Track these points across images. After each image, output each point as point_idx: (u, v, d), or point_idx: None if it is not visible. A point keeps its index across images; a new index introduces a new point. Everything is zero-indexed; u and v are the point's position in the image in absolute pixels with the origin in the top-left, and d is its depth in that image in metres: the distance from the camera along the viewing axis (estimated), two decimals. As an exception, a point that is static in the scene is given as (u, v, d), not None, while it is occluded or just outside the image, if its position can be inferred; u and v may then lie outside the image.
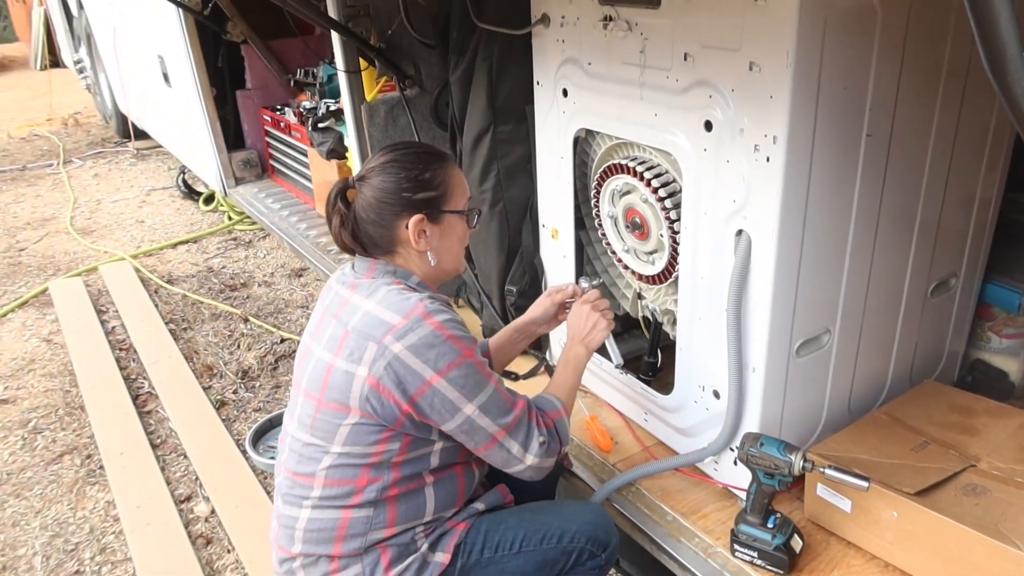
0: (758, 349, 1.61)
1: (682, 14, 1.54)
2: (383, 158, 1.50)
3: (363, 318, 1.40)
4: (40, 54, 10.62)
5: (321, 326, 1.50)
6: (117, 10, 5.09)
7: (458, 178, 1.55)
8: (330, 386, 1.40)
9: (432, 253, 1.51)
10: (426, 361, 1.35)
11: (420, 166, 1.48)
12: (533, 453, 1.47)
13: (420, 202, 1.47)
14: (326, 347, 1.44)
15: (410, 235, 1.47)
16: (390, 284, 1.45)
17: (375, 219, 1.47)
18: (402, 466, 1.43)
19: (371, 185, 1.47)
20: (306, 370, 1.48)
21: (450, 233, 1.54)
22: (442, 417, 1.39)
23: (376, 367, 1.35)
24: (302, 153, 4.05)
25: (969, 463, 1.63)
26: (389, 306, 1.39)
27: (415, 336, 1.35)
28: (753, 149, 1.47)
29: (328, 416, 1.41)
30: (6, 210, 5.43)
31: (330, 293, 1.55)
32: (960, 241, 1.92)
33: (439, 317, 1.38)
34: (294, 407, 1.52)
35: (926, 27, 1.51)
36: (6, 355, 3.48)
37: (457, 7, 2.24)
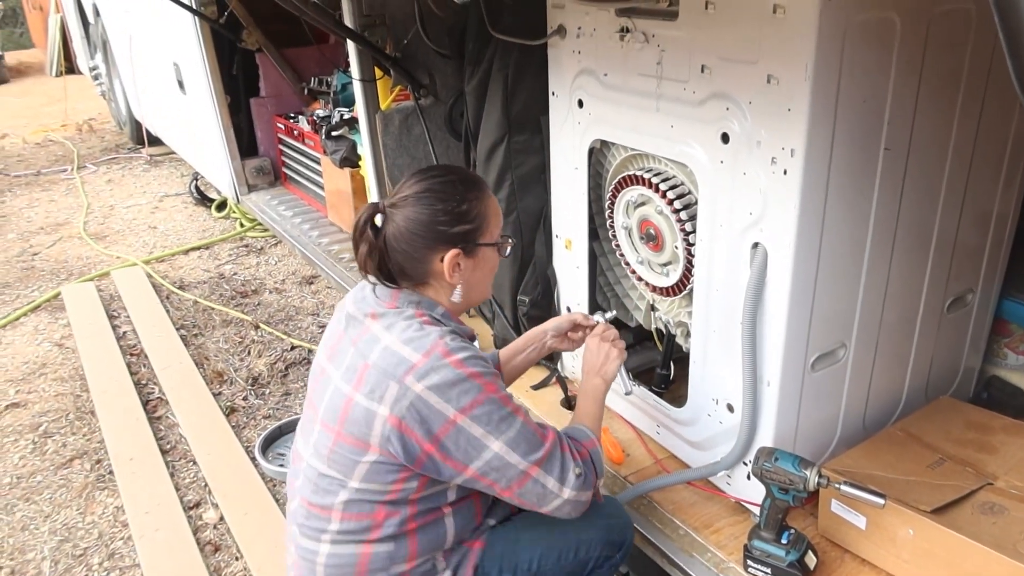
0: (773, 363, 1.60)
1: (700, 27, 1.54)
2: (417, 186, 1.43)
3: (383, 354, 1.36)
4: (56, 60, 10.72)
5: (339, 349, 1.46)
6: (133, 17, 5.14)
7: (494, 207, 1.50)
8: (350, 420, 1.36)
9: (463, 286, 1.48)
10: (448, 400, 1.31)
11: (457, 197, 1.43)
12: (570, 486, 1.40)
13: (456, 236, 1.43)
14: (344, 377, 1.40)
15: (445, 269, 1.43)
16: (411, 317, 1.41)
17: (407, 250, 1.42)
18: (419, 501, 1.40)
19: (404, 215, 1.41)
20: (323, 396, 1.44)
21: (484, 265, 1.50)
22: (468, 456, 1.33)
23: (398, 407, 1.31)
24: (315, 161, 4.06)
25: (986, 481, 1.61)
26: (408, 342, 1.35)
27: (437, 376, 1.31)
28: (770, 162, 1.46)
29: (346, 451, 1.37)
30: (20, 215, 5.47)
31: (343, 312, 1.51)
32: (977, 257, 1.91)
33: (459, 355, 1.34)
34: (309, 431, 1.47)
35: (945, 40, 1.50)
36: (18, 359, 3.50)
37: (473, 18, 2.25)
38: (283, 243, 4.43)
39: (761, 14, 1.39)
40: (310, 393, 1.52)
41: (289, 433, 2.82)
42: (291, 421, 2.85)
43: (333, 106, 3.77)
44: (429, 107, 2.62)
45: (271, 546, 2.29)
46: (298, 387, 3.16)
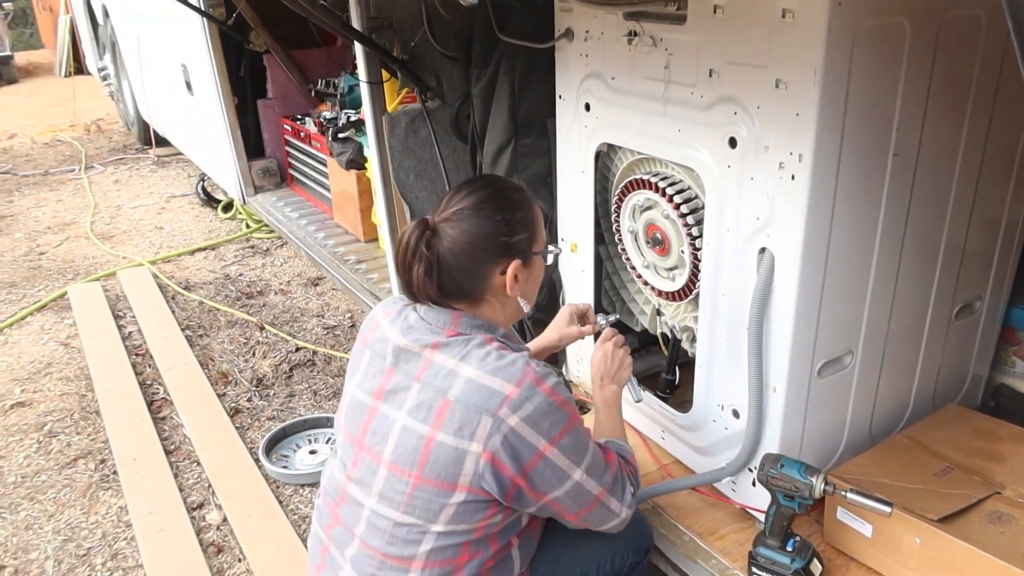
0: (779, 369, 1.59)
1: (708, 31, 1.53)
2: (472, 198, 1.37)
3: (467, 387, 1.28)
4: (65, 61, 10.77)
5: (391, 386, 1.37)
6: (142, 19, 5.16)
7: (540, 213, 1.47)
8: (433, 462, 1.28)
9: (523, 298, 1.43)
10: (540, 431, 1.28)
11: (512, 205, 1.39)
12: (627, 505, 1.43)
13: (515, 246, 1.38)
14: (414, 416, 1.32)
15: (506, 282, 1.38)
16: (482, 343, 1.34)
17: (467, 266, 1.35)
18: (499, 536, 1.37)
19: (461, 229, 1.34)
20: (385, 437, 1.34)
21: (536, 273, 1.46)
22: (551, 486, 1.32)
23: (492, 442, 1.26)
24: (321, 163, 4.07)
25: (994, 490, 1.59)
26: (496, 372, 1.29)
27: (531, 406, 1.27)
28: (778, 167, 1.46)
29: (429, 494, 1.30)
30: (28, 214, 5.49)
31: (388, 345, 1.39)
32: (985, 264, 1.90)
33: (550, 381, 1.31)
34: (368, 476, 1.37)
35: (955, 46, 1.49)
36: (24, 358, 3.50)
37: (481, 21, 2.25)
38: (289, 244, 4.44)
39: (770, 18, 1.39)
40: (351, 431, 1.43)
41: (293, 434, 2.82)
42: (295, 423, 2.85)
43: (340, 108, 3.78)
44: (436, 109, 2.62)
45: (274, 548, 2.29)
46: (302, 389, 3.16)
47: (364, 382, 1.43)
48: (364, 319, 1.55)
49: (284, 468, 2.63)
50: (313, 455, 2.67)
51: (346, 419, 1.45)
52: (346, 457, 1.44)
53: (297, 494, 2.55)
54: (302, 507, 2.49)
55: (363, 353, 1.47)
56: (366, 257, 3.55)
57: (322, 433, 2.84)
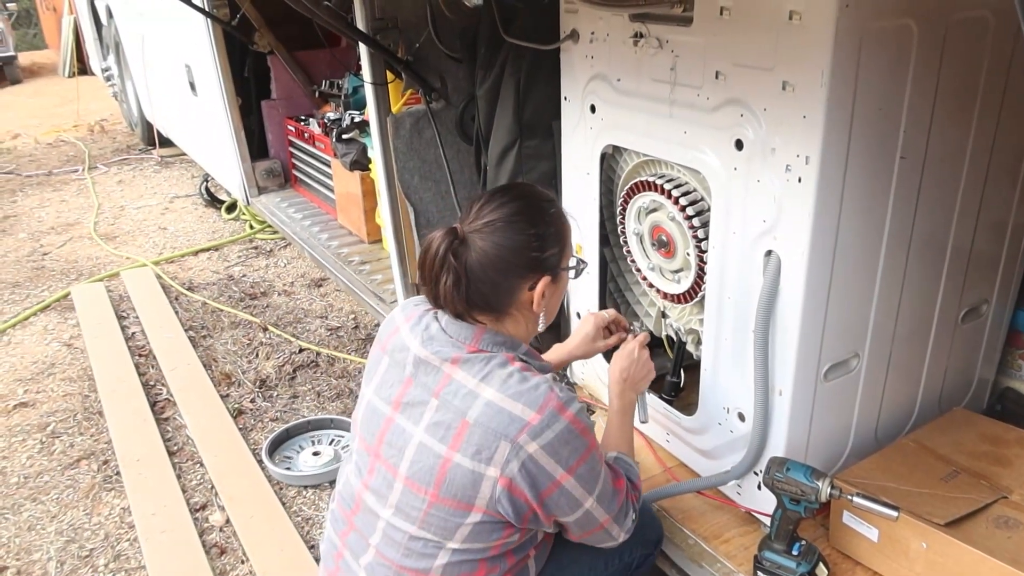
0: (785, 372, 1.58)
1: (714, 32, 1.53)
2: (504, 209, 1.33)
3: (487, 411, 1.26)
4: (69, 61, 10.79)
5: (408, 398, 1.35)
6: (146, 19, 5.16)
7: (569, 226, 1.44)
8: (449, 483, 1.27)
9: (545, 314, 1.41)
10: (559, 460, 1.27)
11: (546, 219, 1.35)
12: (625, 531, 1.45)
13: (546, 261, 1.35)
14: (431, 433, 1.30)
15: (534, 298, 1.35)
16: (504, 363, 1.31)
17: (496, 279, 1.32)
18: (516, 551, 1.37)
19: (493, 241, 1.30)
20: (401, 451, 1.33)
21: (562, 289, 1.44)
22: (562, 512, 1.33)
23: (509, 468, 1.24)
24: (325, 164, 4.06)
25: (1001, 495, 1.59)
26: (518, 397, 1.26)
27: (551, 433, 1.25)
28: (785, 169, 1.45)
29: (445, 513, 1.29)
30: (31, 214, 5.49)
31: (408, 354, 1.37)
32: (992, 267, 1.89)
33: (572, 408, 1.29)
34: (379, 485, 1.37)
35: (962, 48, 1.49)
36: (27, 358, 3.51)
37: (486, 22, 2.24)
38: (292, 245, 4.44)
39: (777, 20, 1.38)
40: (367, 439, 1.42)
41: (297, 436, 2.82)
42: (298, 424, 2.85)
43: (344, 109, 3.78)
44: (440, 111, 2.61)
45: (277, 549, 2.28)
46: (306, 390, 3.15)
47: (382, 389, 1.41)
48: (382, 322, 1.53)
49: (287, 470, 2.62)
50: (316, 456, 2.66)
51: (362, 425, 1.45)
52: (362, 464, 1.43)
53: (300, 496, 2.55)
54: (305, 509, 2.49)
55: (381, 359, 1.45)
56: (370, 258, 3.54)
57: (325, 435, 2.84)
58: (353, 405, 3.02)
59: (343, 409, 3.00)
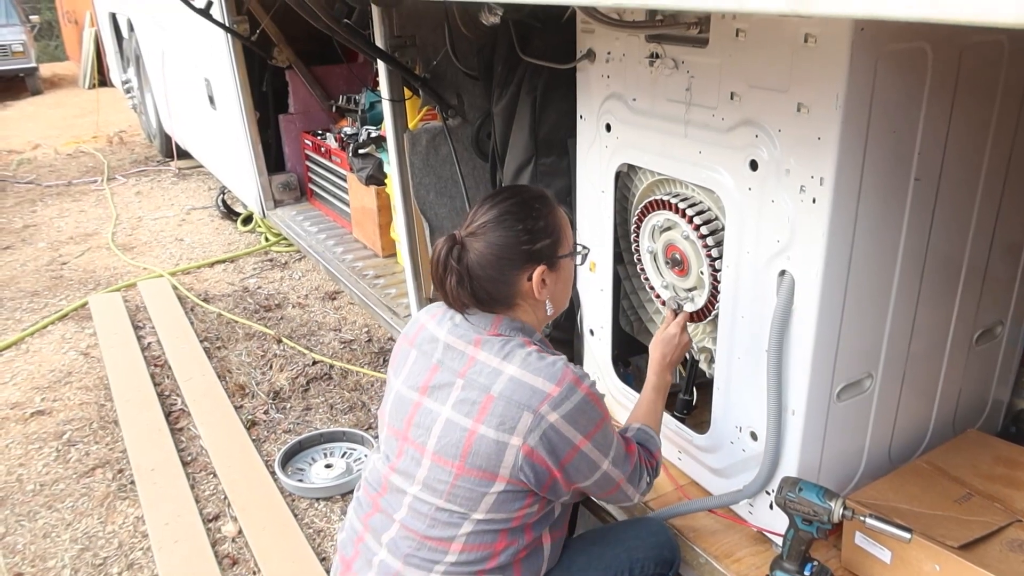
0: (798, 392, 1.58)
1: (730, 54, 1.54)
2: (494, 211, 1.46)
3: (511, 384, 1.37)
4: (89, 73, 10.94)
5: (435, 382, 1.46)
6: (167, 33, 5.24)
7: (564, 217, 1.53)
8: (474, 453, 1.37)
9: (551, 301, 1.52)
10: (577, 427, 1.38)
11: (533, 214, 1.46)
12: (641, 491, 1.56)
13: (539, 252, 1.46)
14: (457, 410, 1.40)
15: (533, 287, 1.46)
16: (522, 344, 1.43)
17: (494, 275, 1.44)
18: (534, 527, 1.45)
19: (486, 241, 1.43)
20: (429, 430, 1.43)
21: (565, 276, 1.54)
22: (583, 476, 1.43)
23: (532, 437, 1.35)
24: (341, 178, 4.10)
25: (1015, 518, 1.58)
26: (538, 372, 1.38)
27: (570, 404, 1.37)
28: (799, 190, 1.46)
29: (471, 484, 1.38)
30: (51, 224, 5.57)
31: (437, 344, 1.50)
32: (1007, 289, 1.89)
33: (587, 382, 1.41)
34: (407, 465, 1.46)
35: (977, 70, 1.50)
36: (44, 367, 3.55)
37: (503, 40, 2.27)
38: (307, 258, 4.47)
39: (792, 43, 1.40)
40: (395, 426, 1.50)
41: (309, 448, 2.83)
42: (311, 436, 2.87)
43: (361, 124, 3.81)
44: (456, 127, 2.64)
45: (288, 561, 2.29)
46: (319, 402, 3.17)
47: (410, 379, 1.51)
48: (407, 323, 1.66)
49: (300, 482, 2.64)
50: (329, 469, 2.68)
51: (390, 415, 1.53)
52: (389, 450, 1.51)
53: (312, 508, 2.56)
54: (317, 521, 2.50)
55: (409, 352, 1.56)
56: (384, 272, 3.57)
57: (338, 447, 2.85)
58: (366, 418, 3.03)
59: (356, 422, 3.01)
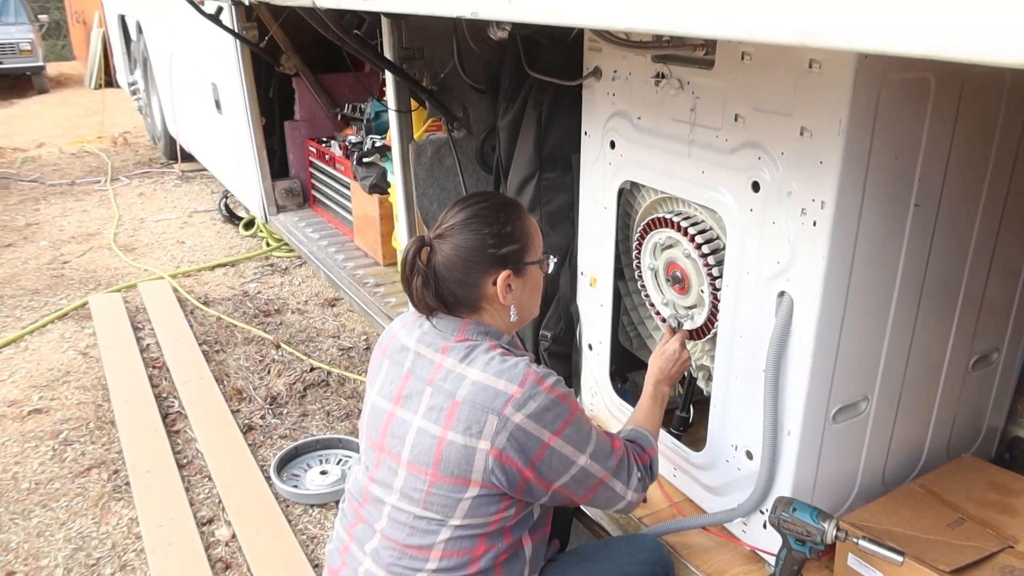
0: (795, 412, 1.60)
1: (735, 76, 1.56)
2: (462, 214, 1.47)
3: (474, 389, 1.37)
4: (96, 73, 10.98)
5: (407, 391, 1.46)
6: (176, 37, 5.27)
7: (534, 226, 1.54)
8: (445, 460, 1.37)
9: (515, 306, 1.51)
10: (544, 425, 1.36)
11: (501, 219, 1.47)
12: (633, 488, 1.52)
13: (504, 257, 1.46)
14: (427, 418, 1.40)
15: (498, 291, 1.46)
16: (487, 348, 1.43)
17: (460, 278, 1.44)
18: (513, 529, 1.44)
19: (452, 243, 1.44)
20: (403, 440, 1.43)
21: (531, 283, 1.54)
22: (557, 473, 1.40)
23: (499, 439, 1.34)
24: (344, 185, 4.12)
25: (1007, 544, 1.59)
26: (500, 375, 1.37)
27: (534, 403, 1.35)
28: (800, 212, 1.48)
29: (445, 491, 1.38)
30: (53, 223, 5.58)
31: (407, 353, 1.50)
32: (1004, 316, 1.90)
33: (549, 380, 1.40)
34: (388, 477, 1.45)
35: (979, 98, 1.52)
36: (43, 365, 3.55)
37: (510, 55, 2.29)
38: (308, 264, 4.48)
39: (797, 68, 1.42)
40: (372, 437, 1.51)
41: (305, 454, 2.84)
42: (307, 442, 2.87)
43: (365, 133, 3.83)
44: (461, 139, 2.66)
45: (281, 566, 2.30)
46: (315, 409, 3.18)
47: (383, 389, 1.52)
48: (381, 334, 1.65)
49: (295, 487, 2.64)
50: (324, 475, 2.68)
51: (367, 426, 1.54)
52: (368, 461, 1.52)
53: (306, 514, 2.56)
54: (311, 527, 2.50)
55: (382, 363, 1.56)
56: (384, 280, 3.58)
57: (333, 454, 2.86)
58: (362, 426, 3.04)
59: (352, 429, 3.02)
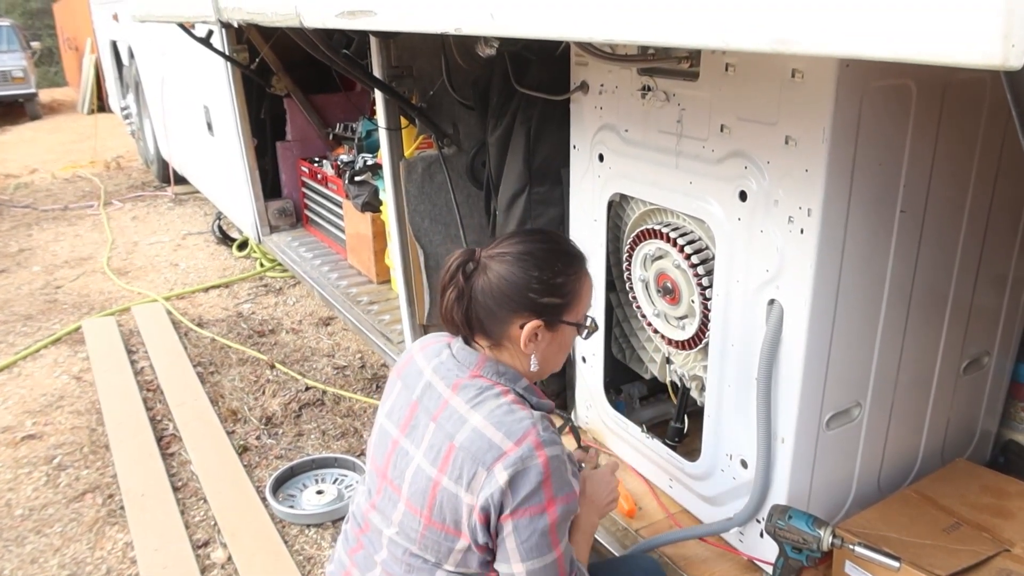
0: (788, 420, 1.60)
1: (720, 88, 1.58)
2: (520, 246, 1.38)
3: (471, 436, 1.29)
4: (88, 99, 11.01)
5: (414, 421, 1.40)
6: (167, 60, 5.29)
7: (587, 287, 1.44)
8: (439, 506, 1.31)
9: (536, 358, 1.41)
10: (516, 496, 1.25)
11: (555, 268, 1.38)
12: None
13: (543, 307, 1.37)
14: (427, 456, 1.34)
15: (522, 337, 1.37)
16: (498, 394, 1.34)
17: (491, 307, 1.36)
18: None
19: (497, 271, 1.36)
20: (403, 474, 1.38)
21: (561, 341, 1.43)
22: (497, 554, 1.31)
23: (482, 496, 1.26)
24: (337, 204, 4.13)
25: (1003, 547, 1.59)
26: (499, 426, 1.29)
27: (521, 465, 1.25)
28: (787, 220, 1.49)
29: (438, 536, 1.33)
30: (46, 248, 5.57)
31: (421, 379, 1.43)
32: (993, 320, 1.91)
33: (549, 451, 1.27)
34: (389, 508, 1.41)
35: (961, 106, 1.54)
36: (36, 391, 3.53)
37: (498, 72, 2.31)
38: (301, 284, 4.48)
39: (780, 78, 1.43)
40: (376, 461, 1.46)
41: (301, 474, 2.83)
42: (302, 462, 2.86)
43: (357, 152, 3.85)
44: (452, 156, 2.67)
45: (278, 588, 2.28)
46: (311, 428, 3.17)
47: (392, 413, 1.46)
48: (400, 356, 1.59)
49: (291, 508, 2.63)
50: (320, 495, 2.67)
51: (374, 448, 1.49)
52: (372, 485, 1.48)
53: (303, 534, 2.55)
54: (307, 548, 2.49)
55: (395, 384, 1.50)
56: (378, 298, 3.58)
57: (329, 473, 2.84)
58: (358, 444, 3.03)
59: (348, 448, 3.01)
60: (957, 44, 0.65)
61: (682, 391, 2.02)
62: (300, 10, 1.84)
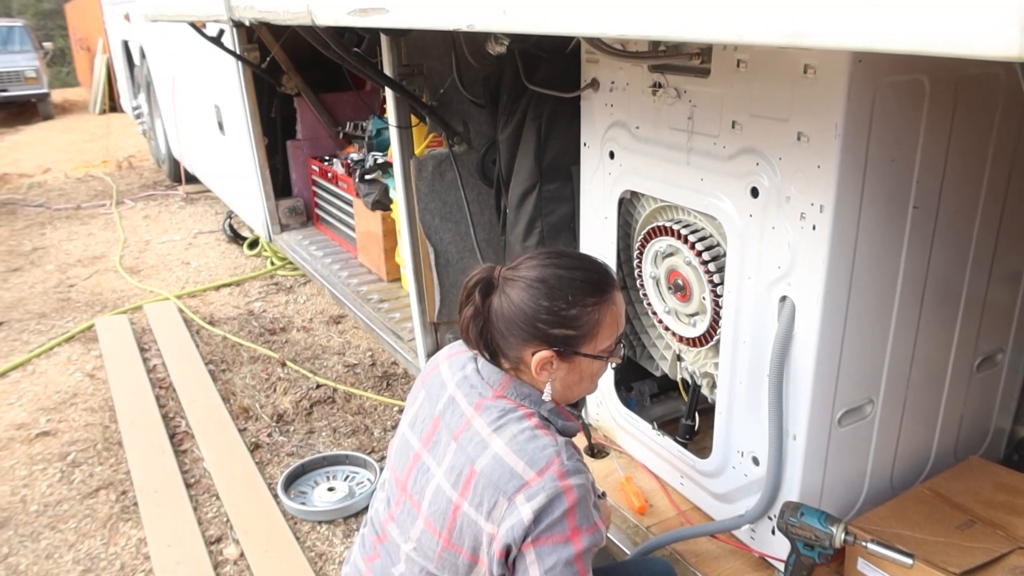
0: (800, 417, 1.59)
1: (731, 84, 1.57)
2: (535, 271, 1.33)
3: (492, 463, 1.25)
4: (100, 99, 11.08)
5: (436, 437, 1.37)
6: (178, 60, 5.32)
7: (611, 318, 1.35)
8: (459, 530, 1.27)
9: (553, 386, 1.35)
10: (538, 526, 1.21)
11: (570, 299, 1.30)
12: None
13: (554, 338, 1.31)
14: (448, 478, 1.30)
15: (533, 365, 1.32)
16: (521, 417, 1.30)
17: (503, 331, 1.32)
18: None
19: (509, 295, 1.32)
20: (423, 489, 1.34)
21: (580, 370, 1.36)
22: None
23: (503, 527, 1.22)
24: (347, 203, 4.14)
25: (1017, 545, 1.58)
26: (521, 454, 1.24)
27: (544, 498, 1.20)
28: (799, 217, 1.48)
29: (455, 559, 1.29)
30: (59, 247, 5.61)
31: (444, 392, 1.40)
32: (1007, 316, 1.90)
33: (573, 480, 1.22)
34: (407, 520, 1.38)
35: (974, 100, 1.53)
36: (50, 388, 3.56)
37: (509, 69, 2.31)
38: (312, 282, 4.50)
39: (792, 74, 1.43)
40: (397, 472, 1.44)
41: (312, 471, 2.84)
42: (314, 459, 2.87)
43: (367, 150, 3.86)
44: (462, 154, 2.68)
45: (290, 584, 2.29)
46: (322, 426, 3.18)
47: (415, 424, 1.43)
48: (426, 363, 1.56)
49: (302, 504, 2.64)
50: (331, 492, 2.68)
51: (395, 458, 1.46)
52: (391, 494, 1.45)
53: (314, 531, 2.56)
54: (319, 544, 2.50)
55: (419, 393, 1.48)
56: (388, 296, 3.59)
57: (340, 471, 2.86)
58: (369, 442, 3.04)
59: (359, 445, 3.02)
60: (973, 36, 0.64)
61: (693, 388, 2.02)
62: (312, 8, 1.85)
